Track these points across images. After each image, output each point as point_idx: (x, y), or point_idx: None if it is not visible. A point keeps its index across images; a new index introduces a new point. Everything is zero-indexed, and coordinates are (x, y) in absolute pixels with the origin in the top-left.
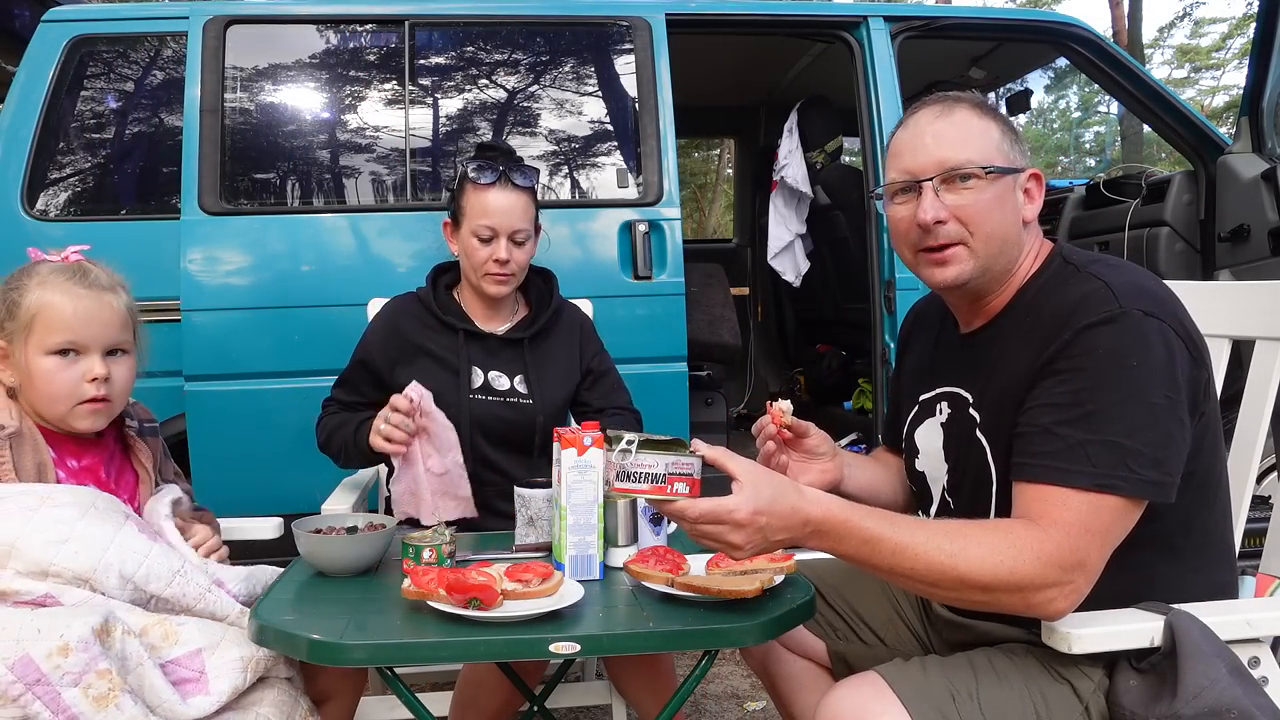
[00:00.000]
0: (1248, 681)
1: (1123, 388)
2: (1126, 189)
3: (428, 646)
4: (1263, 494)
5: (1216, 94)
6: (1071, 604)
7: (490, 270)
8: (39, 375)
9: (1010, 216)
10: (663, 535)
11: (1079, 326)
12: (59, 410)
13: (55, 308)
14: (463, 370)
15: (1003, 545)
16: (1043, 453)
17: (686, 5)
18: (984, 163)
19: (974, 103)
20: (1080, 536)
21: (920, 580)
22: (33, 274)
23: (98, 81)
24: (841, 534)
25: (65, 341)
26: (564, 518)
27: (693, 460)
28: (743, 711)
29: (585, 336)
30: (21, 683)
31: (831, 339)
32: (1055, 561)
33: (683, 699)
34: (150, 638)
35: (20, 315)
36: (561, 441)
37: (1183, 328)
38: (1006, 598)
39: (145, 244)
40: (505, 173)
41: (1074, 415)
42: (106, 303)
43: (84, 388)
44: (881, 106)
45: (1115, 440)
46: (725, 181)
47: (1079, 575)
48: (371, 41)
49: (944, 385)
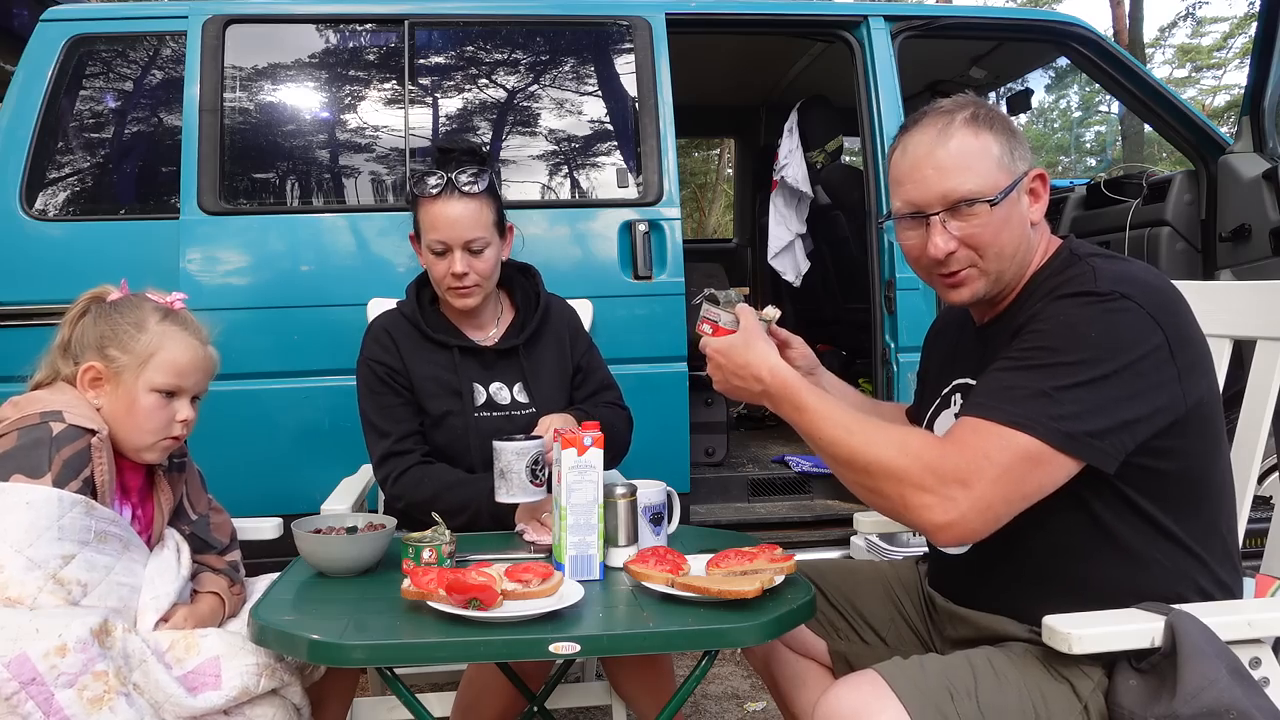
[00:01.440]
0: (1248, 682)
1: (1071, 351)
2: (1127, 189)
3: (428, 646)
4: (1263, 494)
5: (1217, 93)
6: (950, 521)
7: (450, 285)
8: (141, 408)
9: (1018, 229)
10: (663, 535)
11: (1052, 297)
12: (144, 441)
13: (173, 353)
14: (464, 390)
15: (896, 437)
16: (979, 392)
17: (686, 5)
18: (988, 190)
19: (969, 118)
20: (974, 459)
21: (825, 452)
22: (146, 312)
23: (97, 81)
24: (779, 398)
25: (173, 385)
26: (564, 518)
27: (720, 313)
28: (743, 712)
29: (574, 333)
30: (16, 680)
31: (831, 339)
32: (934, 468)
33: (682, 699)
34: (176, 651)
35: (136, 350)
36: (562, 441)
37: (1168, 320)
38: (886, 488)
39: (144, 244)
40: (451, 180)
41: (1018, 365)
42: (208, 356)
43: (173, 427)
44: (881, 106)
45: (1044, 390)
46: (725, 181)
47: (959, 492)
48: (371, 41)
49: (959, 377)
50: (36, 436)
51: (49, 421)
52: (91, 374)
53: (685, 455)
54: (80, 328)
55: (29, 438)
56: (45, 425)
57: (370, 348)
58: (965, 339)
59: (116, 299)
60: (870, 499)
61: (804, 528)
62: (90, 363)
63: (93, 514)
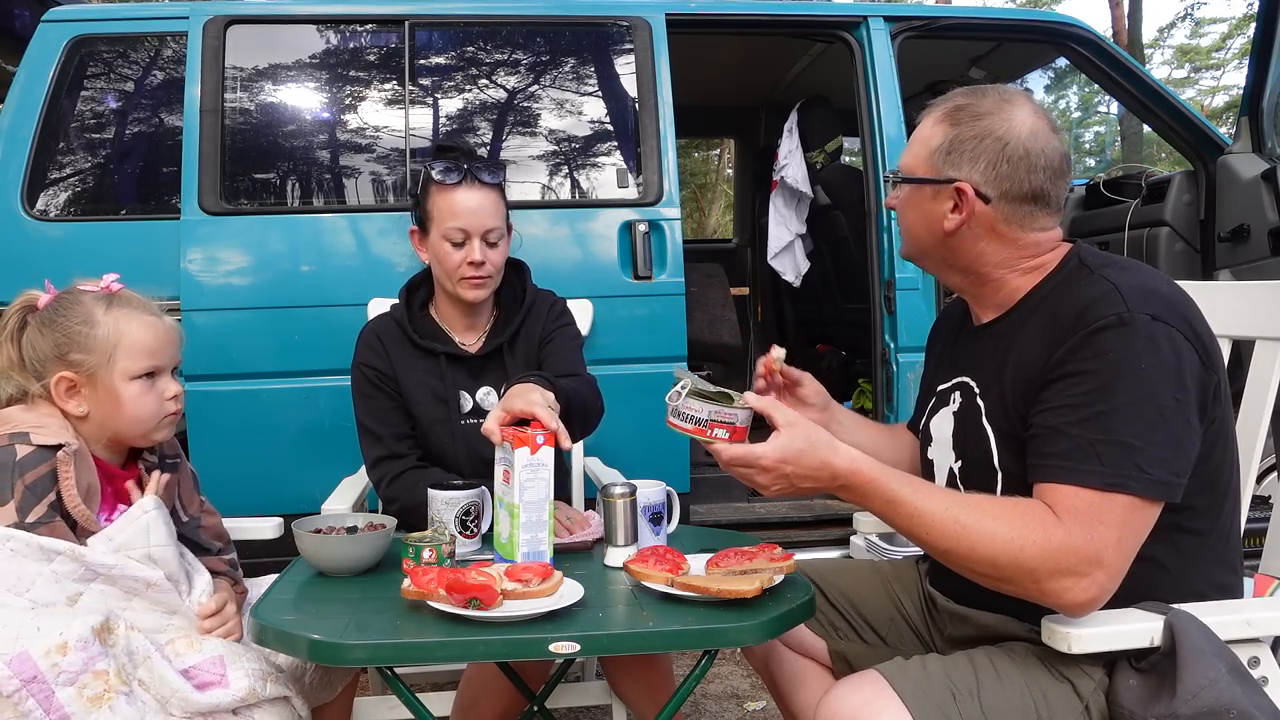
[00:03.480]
0: (1247, 681)
1: (1132, 390)
2: (1126, 189)
3: (428, 646)
4: (1263, 494)
5: (1216, 94)
6: (1091, 599)
7: (466, 274)
8: (127, 400)
9: (925, 222)
10: (662, 535)
11: (1088, 330)
12: (145, 428)
13: (136, 336)
14: (450, 399)
15: (1016, 524)
16: (1055, 453)
17: (686, 5)
18: (904, 168)
19: (948, 109)
20: (1094, 533)
21: (935, 547)
22: (88, 305)
23: (98, 81)
24: (867, 492)
25: (149, 366)
26: (516, 516)
27: (736, 411)
28: (743, 711)
29: (552, 319)
30: (17, 678)
31: (831, 339)
32: (1066, 549)
33: (682, 699)
34: (177, 647)
35: (97, 346)
36: (514, 441)
37: (1192, 331)
38: (1019, 578)
39: (145, 244)
40: (469, 170)
41: (1084, 416)
42: (170, 326)
43: (166, 405)
44: (881, 106)
45: (1125, 441)
46: (725, 181)
47: (1095, 569)
48: (371, 41)
49: (958, 376)
50: (0, 461)
51: (15, 444)
52: (65, 384)
53: (685, 455)
54: (27, 343)
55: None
56: (11, 449)
57: (362, 352)
58: (964, 338)
59: (48, 302)
60: (994, 586)
61: (804, 527)
62: (59, 374)
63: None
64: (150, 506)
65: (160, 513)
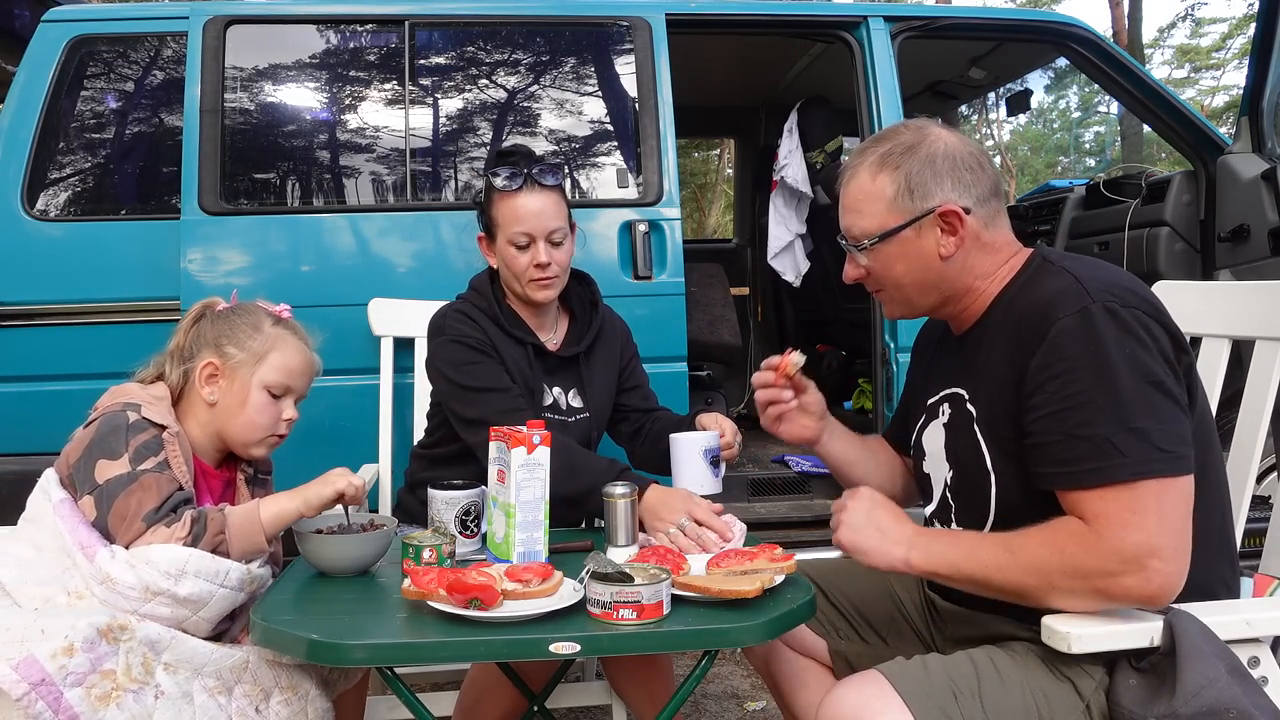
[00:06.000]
0: (1247, 681)
1: (1126, 375)
2: (1126, 189)
3: (428, 646)
4: (1263, 494)
5: (1216, 94)
6: (1161, 585)
7: (533, 276)
8: (252, 405)
9: (919, 262)
10: (720, 479)
11: (1056, 323)
12: (254, 437)
13: (286, 354)
14: (536, 389)
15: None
16: (1075, 458)
17: (686, 5)
18: (873, 230)
19: (877, 159)
20: (1129, 521)
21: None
22: (260, 316)
23: (98, 81)
24: (924, 571)
25: (284, 384)
26: (512, 515)
27: (640, 589)
28: (743, 711)
29: (625, 342)
30: (26, 683)
31: (831, 339)
32: (1113, 550)
33: (682, 699)
34: None
35: (253, 347)
36: (510, 441)
37: (1157, 313)
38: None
39: (145, 244)
40: (530, 175)
41: (1090, 414)
42: (314, 361)
43: (279, 425)
44: (881, 107)
45: (1138, 427)
46: (725, 181)
47: (1150, 558)
48: (371, 41)
49: (945, 388)
50: (115, 423)
51: (127, 410)
52: (209, 369)
53: None
54: (196, 331)
55: (109, 425)
56: (124, 413)
57: (455, 328)
58: (948, 349)
59: (229, 306)
60: (1072, 609)
61: (804, 528)
62: (208, 359)
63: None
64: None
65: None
